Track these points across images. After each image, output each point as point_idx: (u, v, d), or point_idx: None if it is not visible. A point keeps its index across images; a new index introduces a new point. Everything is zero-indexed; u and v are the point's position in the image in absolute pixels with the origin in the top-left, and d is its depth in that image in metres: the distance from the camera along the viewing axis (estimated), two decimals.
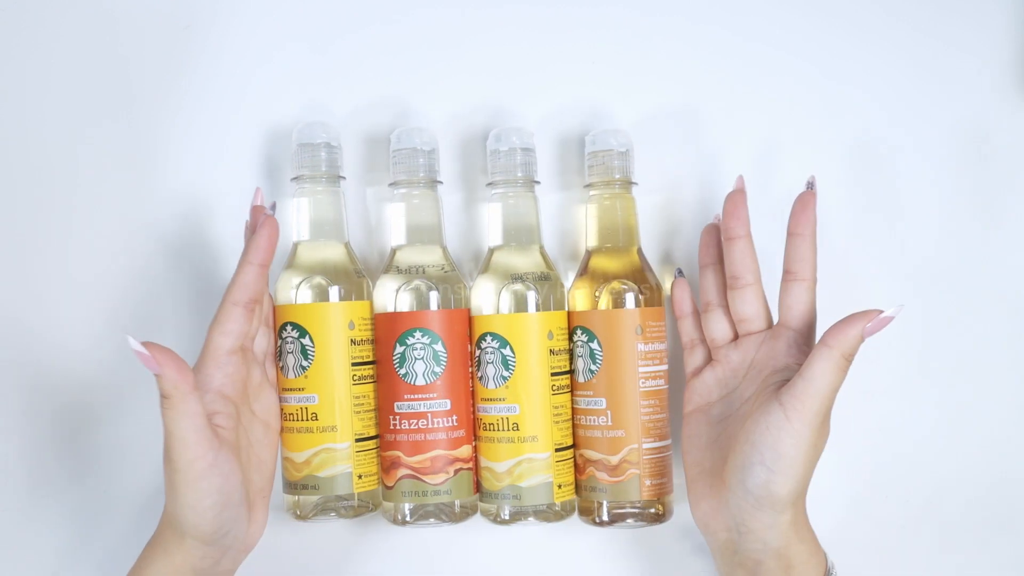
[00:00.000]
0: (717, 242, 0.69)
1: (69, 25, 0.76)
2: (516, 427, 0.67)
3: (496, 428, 0.68)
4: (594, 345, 0.68)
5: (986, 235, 0.75)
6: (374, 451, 0.69)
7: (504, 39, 0.76)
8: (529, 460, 0.67)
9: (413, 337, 0.67)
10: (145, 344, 0.57)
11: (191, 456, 0.59)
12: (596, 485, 0.68)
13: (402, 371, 0.67)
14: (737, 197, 0.65)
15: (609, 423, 0.67)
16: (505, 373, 0.67)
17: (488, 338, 0.68)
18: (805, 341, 0.64)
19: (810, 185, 0.64)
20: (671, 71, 0.75)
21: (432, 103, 0.75)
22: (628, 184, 0.70)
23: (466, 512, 0.69)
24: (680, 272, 0.72)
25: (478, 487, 0.69)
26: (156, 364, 0.57)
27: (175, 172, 0.75)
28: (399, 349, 0.67)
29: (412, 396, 0.67)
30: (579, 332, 0.69)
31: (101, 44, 0.76)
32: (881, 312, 0.60)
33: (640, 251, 0.70)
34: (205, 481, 0.59)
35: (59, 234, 0.75)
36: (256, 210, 0.68)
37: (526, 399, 0.67)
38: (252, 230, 0.67)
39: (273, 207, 0.67)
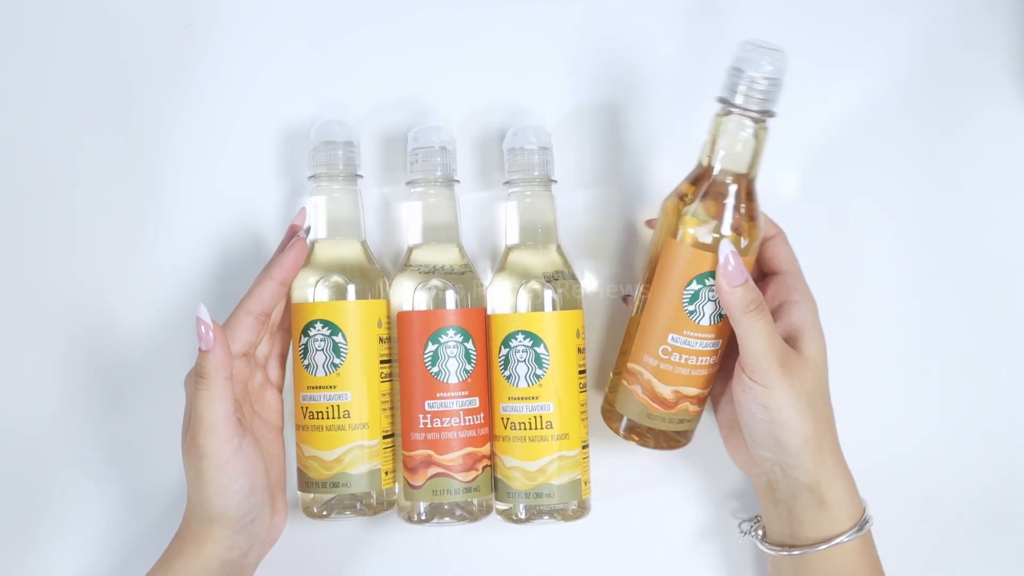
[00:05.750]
0: None
1: (69, 25, 0.75)
2: (550, 425, 0.67)
3: (528, 427, 0.68)
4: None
5: (986, 234, 0.76)
6: (391, 449, 0.69)
7: (519, 37, 0.76)
8: (561, 458, 0.68)
9: (446, 335, 0.67)
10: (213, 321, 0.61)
11: (220, 440, 0.61)
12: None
13: (434, 369, 0.67)
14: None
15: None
16: (539, 371, 0.67)
17: (520, 336, 0.68)
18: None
19: None
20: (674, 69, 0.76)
21: (448, 101, 0.75)
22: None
23: (483, 510, 0.69)
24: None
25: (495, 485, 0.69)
26: (211, 340, 0.60)
27: (175, 172, 0.75)
28: (431, 347, 0.67)
29: (445, 394, 0.67)
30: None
31: (101, 44, 0.75)
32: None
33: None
34: (231, 465, 0.61)
35: (60, 236, 0.75)
36: (292, 228, 0.69)
37: (559, 397, 0.67)
38: (282, 247, 0.68)
39: (307, 231, 0.68)
